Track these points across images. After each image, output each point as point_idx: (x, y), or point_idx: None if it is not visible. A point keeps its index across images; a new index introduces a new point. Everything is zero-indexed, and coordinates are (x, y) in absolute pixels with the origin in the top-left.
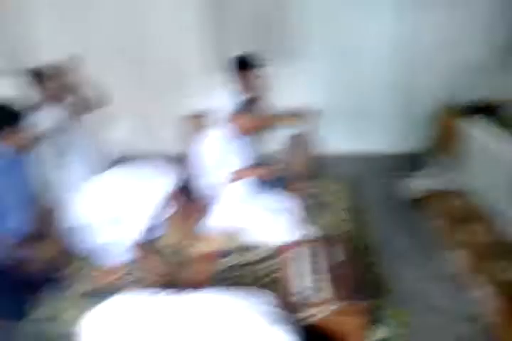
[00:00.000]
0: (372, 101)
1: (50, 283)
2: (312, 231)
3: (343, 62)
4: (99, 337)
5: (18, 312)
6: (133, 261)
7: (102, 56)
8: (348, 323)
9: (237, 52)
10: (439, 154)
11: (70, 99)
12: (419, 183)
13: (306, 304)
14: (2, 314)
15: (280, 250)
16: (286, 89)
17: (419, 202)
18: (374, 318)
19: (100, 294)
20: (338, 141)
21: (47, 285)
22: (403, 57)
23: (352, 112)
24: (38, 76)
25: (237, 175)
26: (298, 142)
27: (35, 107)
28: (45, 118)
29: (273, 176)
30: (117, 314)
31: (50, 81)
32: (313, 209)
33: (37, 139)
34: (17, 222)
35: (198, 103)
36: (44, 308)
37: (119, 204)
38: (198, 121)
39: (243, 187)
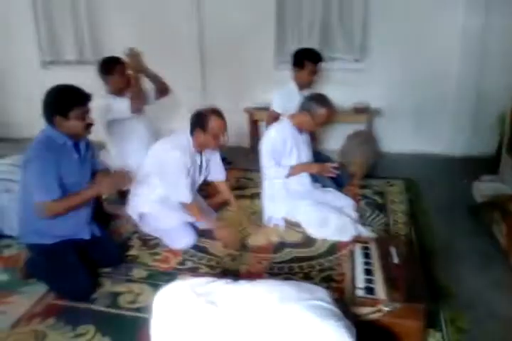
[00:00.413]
0: (439, 100)
1: (113, 265)
2: (367, 231)
3: (408, 60)
4: (168, 318)
5: (84, 293)
6: (192, 248)
7: (168, 47)
8: (404, 326)
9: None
10: (510, 157)
11: (132, 89)
12: (487, 187)
13: (359, 303)
14: (67, 294)
15: (335, 248)
16: (349, 85)
17: (485, 207)
18: (430, 322)
19: (158, 279)
20: (401, 140)
21: (110, 266)
22: (473, 54)
23: (417, 111)
24: (104, 67)
25: (293, 171)
26: (357, 140)
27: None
28: (112, 108)
29: (329, 174)
30: (182, 297)
31: (114, 73)
32: (369, 209)
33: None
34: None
35: (263, 97)
36: (106, 290)
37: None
38: (269, 116)
39: (300, 183)
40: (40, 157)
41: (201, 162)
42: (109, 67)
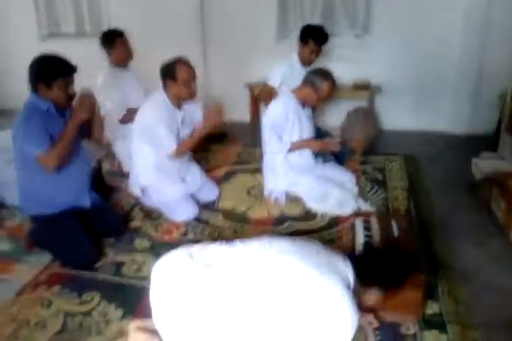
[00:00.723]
0: (440, 77)
1: (116, 235)
2: (367, 205)
3: (410, 36)
4: (165, 285)
5: (87, 261)
6: (194, 220)
7: (168, 22)
8: (404, 296)
9: (305, 21)
10: (509, 135)
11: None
12: (487, 164)
13: None
14: (71, 262)
15: (336, 221)
16: (350, 62)
17: (484, 183)
18: (428, 294)
19: (161, 250)
20: (401, 117)
21: (113, 237)
22: (476, 32)
23: (418, 88)
24: (107, 39)
25: (295, 146)
26: (358, 116)
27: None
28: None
29: (329, 149)
30: (179, 264)
31: (117, 45)
32: (369, 184)
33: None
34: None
35: (264, 72)
36: (110, 259)
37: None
38: (263, 90)
39: (301, 156)
40: (27, 120)
41: (182, 117)
42: (112, 39)
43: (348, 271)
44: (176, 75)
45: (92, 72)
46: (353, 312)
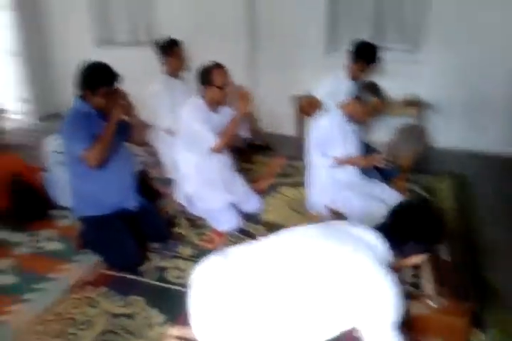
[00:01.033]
0: (494, 95)
1: (160, 240)
2: None
3: (463, 53)
4: (204, 291)
5: (132, 263)
6: (237, 231)
7: (218, 32)
8: (450, 323)
9: (356, 36)
10: None
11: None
12: None
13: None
14: (116, 264)
15: None
16: (400, 77)
17: None
18: (475, 322)
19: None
20: (452, 135)
21: (158, 241)
22: None
23: (471, 106)
24: (165, 48)
25: (340, 162)
26: (407, 133)
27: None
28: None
29: (374, 166)
30: (215, 269)
31: (174, 55)
32: None
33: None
34: None
35: (312, 84)
36: (154, 264)
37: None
38: (310, 103)
39: (347, 172)
40: (71, 124)
41: (218, 121)
42: (170, 48)
43: (380, 244)
44: (211, 79)
45: (145, 80)
46: (391, 286)
